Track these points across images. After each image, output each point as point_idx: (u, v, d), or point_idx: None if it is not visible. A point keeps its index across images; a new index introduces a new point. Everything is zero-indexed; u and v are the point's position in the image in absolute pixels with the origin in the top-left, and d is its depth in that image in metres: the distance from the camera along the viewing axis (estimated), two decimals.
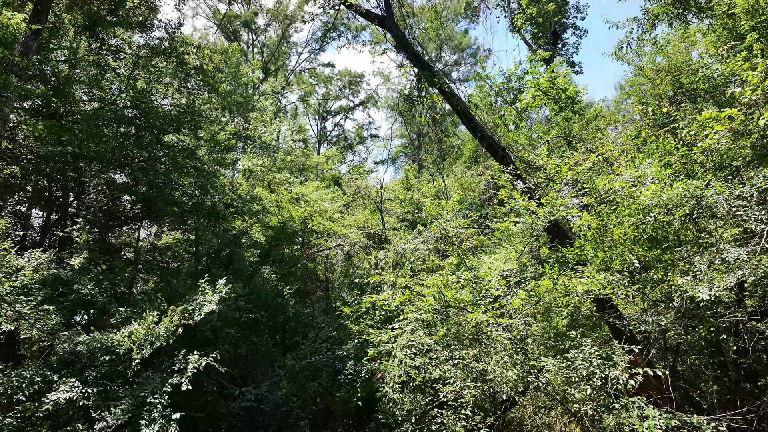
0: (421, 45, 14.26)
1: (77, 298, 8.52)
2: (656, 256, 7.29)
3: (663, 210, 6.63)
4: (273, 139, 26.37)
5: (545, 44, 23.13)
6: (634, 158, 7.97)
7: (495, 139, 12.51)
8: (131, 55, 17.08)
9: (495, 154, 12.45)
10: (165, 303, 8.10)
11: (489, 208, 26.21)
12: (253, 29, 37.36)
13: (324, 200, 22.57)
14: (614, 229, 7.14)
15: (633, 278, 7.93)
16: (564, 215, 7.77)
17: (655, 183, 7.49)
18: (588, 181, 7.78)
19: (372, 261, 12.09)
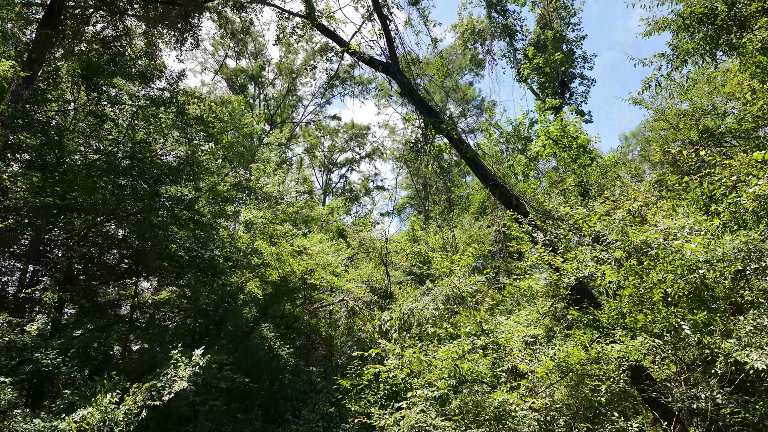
0: (428, 91, 13.71)
1: (37, 368, 7.45)
2: (704, 319, 6.23)
3: (715, 265, 5.64)
4: (276, 191, 25.79)
5: (553, 94, 22.76)
6: (675, 207, 7.06)
7: (508, 187, 11.68)
8: (130, 105, 16.69)
9: (508, 204, 11.57)
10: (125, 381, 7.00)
11: (500, 260, 25.17)
12: (260, 83, 37.67)
13: (327, 253, 21.66)
14: (654, 289, 6.13)
15: (677, 344, 6.84)
16: (594, 272, 6.80)
17: (696, 234, 6.53)
18: (620, 233, 6.85)
19: (375, 323, 11.02)
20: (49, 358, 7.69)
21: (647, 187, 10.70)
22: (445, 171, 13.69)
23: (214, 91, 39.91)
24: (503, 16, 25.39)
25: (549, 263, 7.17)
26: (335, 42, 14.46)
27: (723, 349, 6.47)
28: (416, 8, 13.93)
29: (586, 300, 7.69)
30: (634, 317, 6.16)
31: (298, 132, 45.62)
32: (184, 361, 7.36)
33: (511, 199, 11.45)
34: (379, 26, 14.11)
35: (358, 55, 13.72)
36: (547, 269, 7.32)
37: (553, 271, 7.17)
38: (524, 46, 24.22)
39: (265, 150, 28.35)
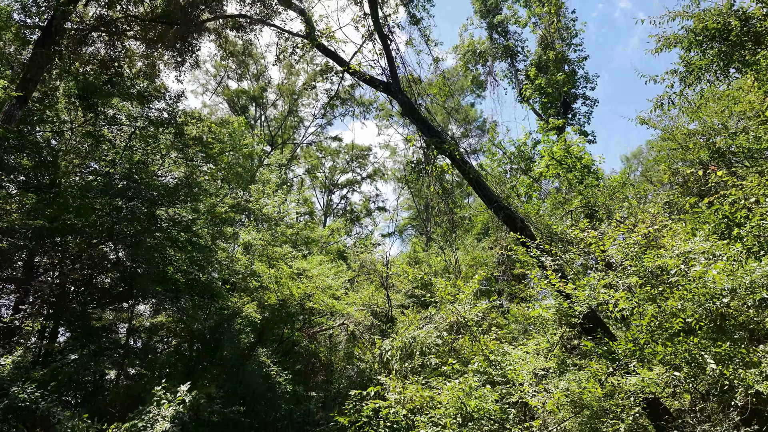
0: (429, 111, 13.45)
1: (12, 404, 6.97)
2: (728, 351, 5.80)
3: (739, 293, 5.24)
4: (275, 212, 25.47)
5: (555, 114, 22.57)
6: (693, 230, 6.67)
7: (512, 209, 11.31)
8: (128, 126, 16.48)
9: (513, 226, 11.19)
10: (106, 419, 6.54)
11: (504, 283, 24.69)
12: (261, 104, 37.67)
13: (327, 275, 21.22)
14: (674, 319, 5.71)
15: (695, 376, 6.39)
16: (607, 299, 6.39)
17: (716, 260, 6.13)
18: (635, 259, 6.46)
19: (376, 352, 10.55)
20: (26, 392, 7.21)
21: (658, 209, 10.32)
22: (448, 192, 13.35)
23: (215, 113, 39.91)
24: (504, 38, 25.36)
25: (559, 290, 6.76)
26: (335, 62, 14.28)
27: (745, 381, 6.04)
28: (417, 28, 13.77)
29: (599, 329, 7.25)
30: (653, 348, 5.73)
31: (299, 153, 45.51)
32: (167, 398, 6.89)
33: (515, 221, 11.07)
34: (379, 46, 13.95)
35: (359, 74, 13.52)
36: (557, 296, 6.90)
37: (563, 298, 6.76)
38: (526, 66, 24.14)
39: (265, 171, 28.10)
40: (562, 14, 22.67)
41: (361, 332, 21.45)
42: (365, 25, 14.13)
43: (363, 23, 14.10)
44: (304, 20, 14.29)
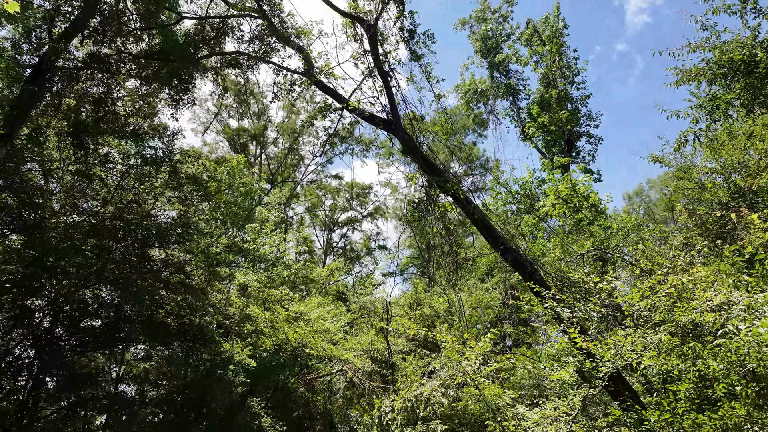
0: (431, 149, 12.95)
1: None
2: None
3: None
4: (272, 252, 24.79)
5: (559, 152, 22.16)
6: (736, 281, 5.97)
7: (521, 252, 10.63)
8: (122, 164, 16.02)
9: (522, 271, 10.49)
10: None
11: (509, 327, 23.74)
12: (262, 142, 37.53)
13: (326, 318, 20.33)
14: (717, 385, 4.95)
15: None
16: (636, 358, 5.63)
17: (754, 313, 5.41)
18: (664, 313, 5.74)
19: (375, 414, 9.67)
20: None
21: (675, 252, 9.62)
22: (451, 233, 12.71)
23: (215, 151, 39.79)
24: (506, 76, 25.24)
25: (581, 349, 6.02)
26: (334, 99, 13.89)
27: None
28: (418, 65, 13.43)
29: (627, 393, 6.46)
30: (692, 420, 4.96)
31: (299, 191, 45.18)
32: None
33: (524, 266, 10.37)
34: (379, 83, 13.58)
35: (358, 111, 13.09)
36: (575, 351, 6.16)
37: (585, 356, 6.02)
38: (528, 105, 23.92)
39: (263, 210, 27.56)
40: (563, 53, 22.57)
41: (361, 379, 20.42)
42: (365, 62, 13.80)
43: (363, 60, 13.78)
44: (302, 57, 13.99)
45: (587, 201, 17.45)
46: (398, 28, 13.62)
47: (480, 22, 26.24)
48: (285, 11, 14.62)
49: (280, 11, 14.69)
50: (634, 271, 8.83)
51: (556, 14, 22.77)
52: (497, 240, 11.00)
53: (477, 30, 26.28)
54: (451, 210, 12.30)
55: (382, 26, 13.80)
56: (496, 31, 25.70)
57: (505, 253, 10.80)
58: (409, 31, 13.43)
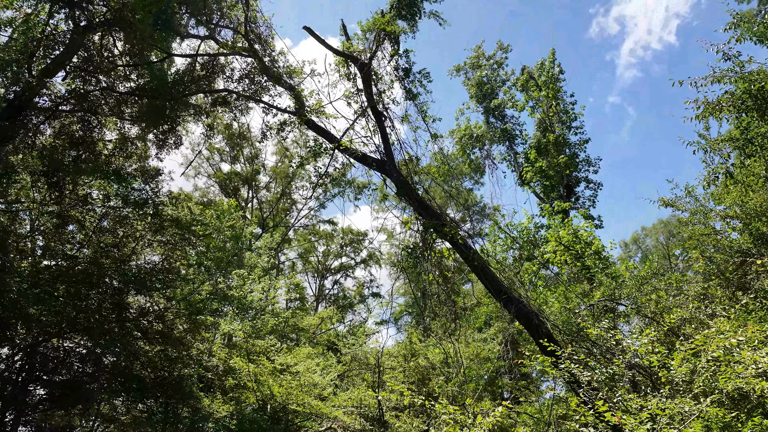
0: (427, 191, 12.24)
1: None
2: None
3: None
4: (261, 299, 23.69)
5: (558, 197, 21.56)
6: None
7: (525, 303, 9.74)
8: (101, 206, 15.23)
9: (527, 323, 9.59)
10: None
11: (510, 380, 22.48)
12: (254, 186, 36.93)
13: (314, 371, 19.07)
14: None
15: None
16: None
17: None
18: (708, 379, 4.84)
19: None
20: None
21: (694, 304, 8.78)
22: (448, 280, 11.83)
23: (206, 195, 39.11)
24: (501, 121, 24.97)
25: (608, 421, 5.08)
26: (326, 139, 13.28)
27: None
28: (414, 104, 12.91)
29: None
30: None
31: (291, 236, 44.31)
32: None
33: (530, 317, 9.46)
34: (373, 122, 13.02)
35: (350, 152, 12.45)
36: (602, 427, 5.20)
37: (612, 430, 5.09)
38: (525, 149, 23.51)
39: (252, 255, 26.59)
40: (560, 98, 22.35)
41: None
42: (358, 101, 13.28)
43: (356, 99, 13.26)
44: (293, 96, 13.46)
45: (590, 248, 16.69)
46: (393, 67, 13.18)
47: (474, 69, 26.22)
48: (276, 50, 14.21)
49: (271, 50, 14.28)
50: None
51: (552, 60, 22.70)
52: (499, 289, 10.13)
53: (472, 76, 26.23)
54: (448, 256, 11.47)
55: (376, 65, 13.37)
56: (490, 77, 25.63)
57: (508, 303, 9.91)
58: (404, 69, 12.98)
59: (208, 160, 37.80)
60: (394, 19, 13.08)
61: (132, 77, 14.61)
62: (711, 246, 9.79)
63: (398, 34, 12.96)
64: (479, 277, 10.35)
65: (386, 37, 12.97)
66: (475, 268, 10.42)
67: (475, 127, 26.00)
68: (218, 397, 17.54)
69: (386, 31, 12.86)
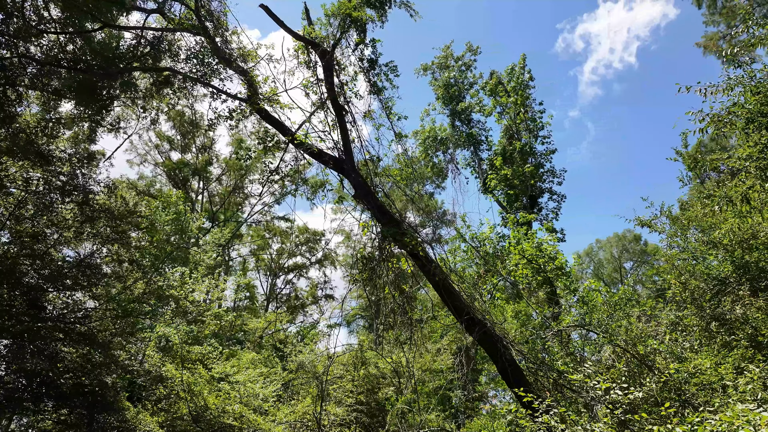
0: (388, 195, 11.16)
1: None
2: None
3: None
4: (203, 300, 22.09)
5: (521, 207, 20.93)
6: None
7: (490, 325, 8.81)
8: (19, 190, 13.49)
9: (491, 350, 8.67)
10: None
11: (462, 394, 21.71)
12: (205, 178, 34.97)
13: (256, 381, 17.69)
14: None
15: None
16: None
17: None
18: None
19: None
20: None
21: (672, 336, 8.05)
22: (404, 294, 10.79)
23: (153, 185, 36.90)
24: (467, 126, 24.21)
25: None
26: (279, 131, 12.01)
27: None
28: (378, 99, 11.81)
29: None
30: None
31: (244, 231, 42.49)
32: None
33: (494, 344, 8.52)
34: (333, 116, 11.83)
35: (305, 147, 11.23)
36: None
37: None
38: (490, 156, 22.80)
39: (198, 251, 24.88)
40: (528, 105, 21.74)
41: None
42: (317, 92, 12.07)
43: (315, 90, 12.04)
44: (245, 81, 12.10)
45: (552, 263, 16.06)
46: (357, 58, 12.04)
47: (442, 69, 25.37)
48: (230, 29, 12.81)
49: (224, 29, 12.87)
50: (624, 358, 7.11)
51: (522, 66, 22.08)
52: (461, 308, 9.15)
53: (439, 77, 25.36)
54: (408, 268, 10.43)
55: (340, 55, 12.20)
56: (458, 79, 24.83)
57: (470, 325, 8.95)
58: (370, 60, 11.86)
59: (157, 147, 35.60)
60: (361, 5, 11.95)
61: (68, 48, 12.90)
62: (687, 271, 9.16)
63: (365, 21, 11.84)
64: (440, 294, 9.35)
65: (352, 24, 11.83)
66: (436, 284, 9.41)
67: (440, 129, 25.15)
68: (149, 408, 15.94)
69: (352, 17, 11.72)
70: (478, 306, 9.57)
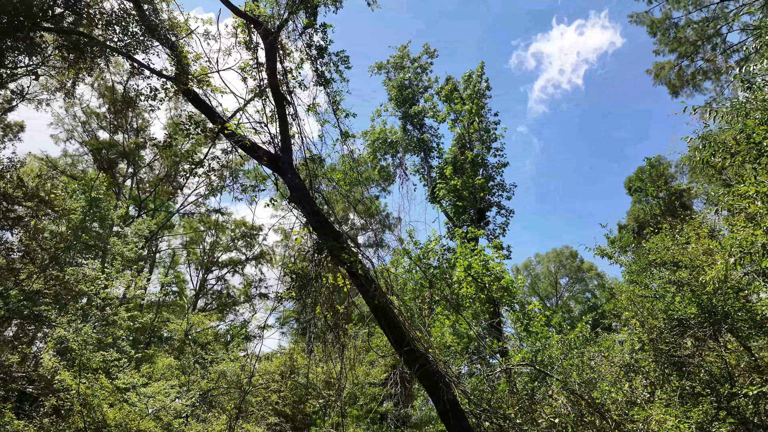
0: (328, 202, 9.90)
1: None
2: None
3: None
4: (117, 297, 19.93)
5: (469, 220, 20.14)
6: None
7: (432, 359, 7.73)
8: None
9: (431, 389, 7.58)
10: None
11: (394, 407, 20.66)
12: (135, 162, 32.28)
13: (168, 393, 15.88)
14: None
15: None
16: None
17: None
18: None
19: None
20: None
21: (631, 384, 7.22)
22: (339, 317, 9.57)
23: (77, 165, 33.83)
24: (419, 131, 23.26)
25: None
26: (208, 117, 10.46)
27: None
28: (325, 91, 10.49)
29: None
30: None
31: (176, 222, 39.86)
32: None
33: (436, 383, 7.43)
34: (272, 107, 10.43)
35: (236, 138, 9.75)
36: None
37: None
38: (440, 164, 21.89)
39: (117, 242, 22.61)
40: (483, 115, 21.00)
41: None
42: (256, 78, 10.62)
43: (254, 75, 10.59)
44: (173, 57, 10.48)
45: (498, 282, 15.29)
46: (305, 43, 10.68)
47: (397, 69, 24.31)
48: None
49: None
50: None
51: (480, 74, 21.33)
52: (401, 338, 8.00)
53: (394, 77, 24.29)
54: (343, 286, 9.18)
55: (285, 38, 10.81)
56: (413, 81, 23.84)
57: (411, 358, 7.82)
58: (319, 48, 10.54)
59: (84, 125, 32.57)
60: None
61: None
62: (646, 308, 8.47)
63: (317, 3, 10.51)
64: (378, 321, 8.15)
65: (302, 4, 10.47)
66: (374, 308, 8.21)
67: (390, 132, 24.06)
68: (35, 422, 13.84)
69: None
70: (420, 335, 8.46)
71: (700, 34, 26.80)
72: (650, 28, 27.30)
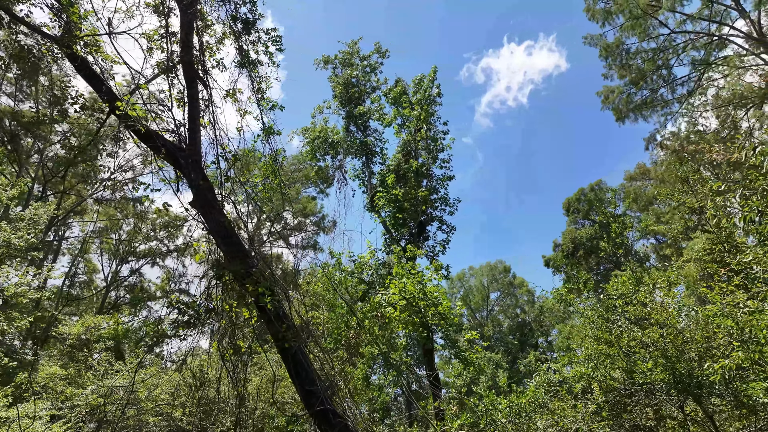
0: (240, 215, 8.01)
1: None
2: None
3: None
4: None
5: (408, 233, 18.71)
6: None
7: (352, 425, 6.09)
8: None
9: None
10: None
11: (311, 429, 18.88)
12: (43, 137, 28.64)
13: (40, 417, 13.32)
14: None
15: None
16: None
17: None
18: None
19: None
20: None
21: None
22: (239, 353, 7.71)
23: None
24: (363, 133, 21.64)
25: None
26: (96, 91, 8.31)
27: None
28: (249, 75, 8.63)
29: None
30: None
31: (89, 207, 36.17)
32: None
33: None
34: (181, 88, 8.46)
35: (131, 121, 7.71)
36: None
37: None
38: (382, 171, 20.35)
39: (6, 228, 19.49)
40: (432, 123, 19.67)
41: None
42: (165, 50, 8.60)
43: (162, 45, 8.57)
44: (55, 12, 8.28)
45: (434, 308, 13.94)
46: (229, 15, 8.78)
47: (345, 66, 22.58)
48: None
49: None
50: None
51: (432, 79, 19.99)
52: (312, 394, 6.31)
53: (341, 73, 22.54)
54: (250, 318, 7.38)
55: (206, 4, 8.87)
56: (361, 80, 22.20)
57: (324, 419, 6.13)
58: (245, 21, 8.68)
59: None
60: None
61: None
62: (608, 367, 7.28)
63: None
64: (288, 370, 6.43)
65: None
66: (284, 353, 6.47)
67: (332, 131, 22.28)
68: None
69: None
70: (342, 389, 6.80)
71: (649, 64, 26.84)
72: (603, 50, 27.13)
